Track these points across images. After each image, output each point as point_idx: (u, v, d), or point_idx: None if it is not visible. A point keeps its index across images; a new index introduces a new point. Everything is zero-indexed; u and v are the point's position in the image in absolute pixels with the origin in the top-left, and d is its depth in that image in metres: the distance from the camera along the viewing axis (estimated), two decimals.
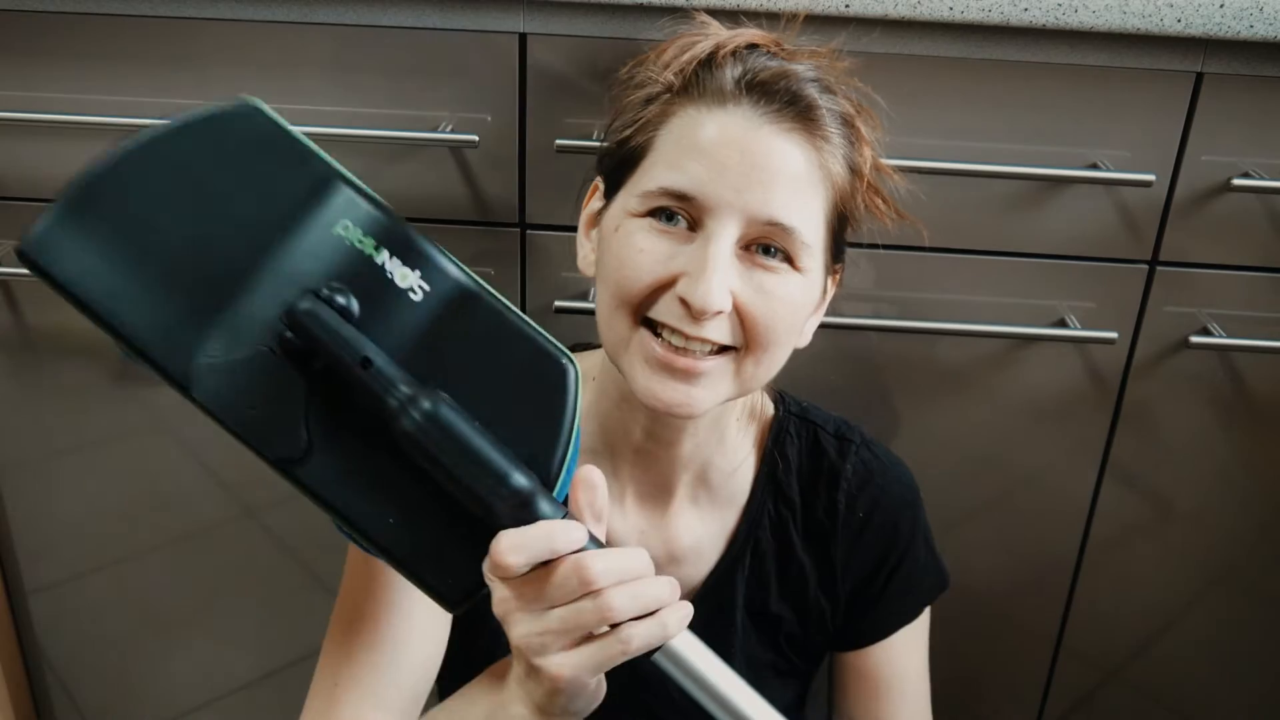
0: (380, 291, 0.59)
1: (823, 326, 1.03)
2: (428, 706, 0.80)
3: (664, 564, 0.87)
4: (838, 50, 0.79)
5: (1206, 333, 1.05)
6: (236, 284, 0.57)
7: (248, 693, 1.27)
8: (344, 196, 0.60)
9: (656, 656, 0.60)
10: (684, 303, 0.71)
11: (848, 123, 0.76)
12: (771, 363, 0.76)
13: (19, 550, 1.21)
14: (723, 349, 0.74)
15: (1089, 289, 1.05)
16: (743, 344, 0.74)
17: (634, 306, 0.73)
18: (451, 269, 0.60)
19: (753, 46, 0.76)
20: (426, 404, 0.56)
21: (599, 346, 0.85)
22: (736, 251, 0.72)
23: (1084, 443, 1.11)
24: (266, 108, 0.60)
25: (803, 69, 0.75)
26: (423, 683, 0.80)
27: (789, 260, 0.73)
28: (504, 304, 0.61)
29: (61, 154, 1.02)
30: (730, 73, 0.73)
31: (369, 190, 0.61)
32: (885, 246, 1.02)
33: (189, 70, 0.99)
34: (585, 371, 0.87)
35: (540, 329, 0.61)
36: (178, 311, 0.57)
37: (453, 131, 0.99)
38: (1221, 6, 0.91)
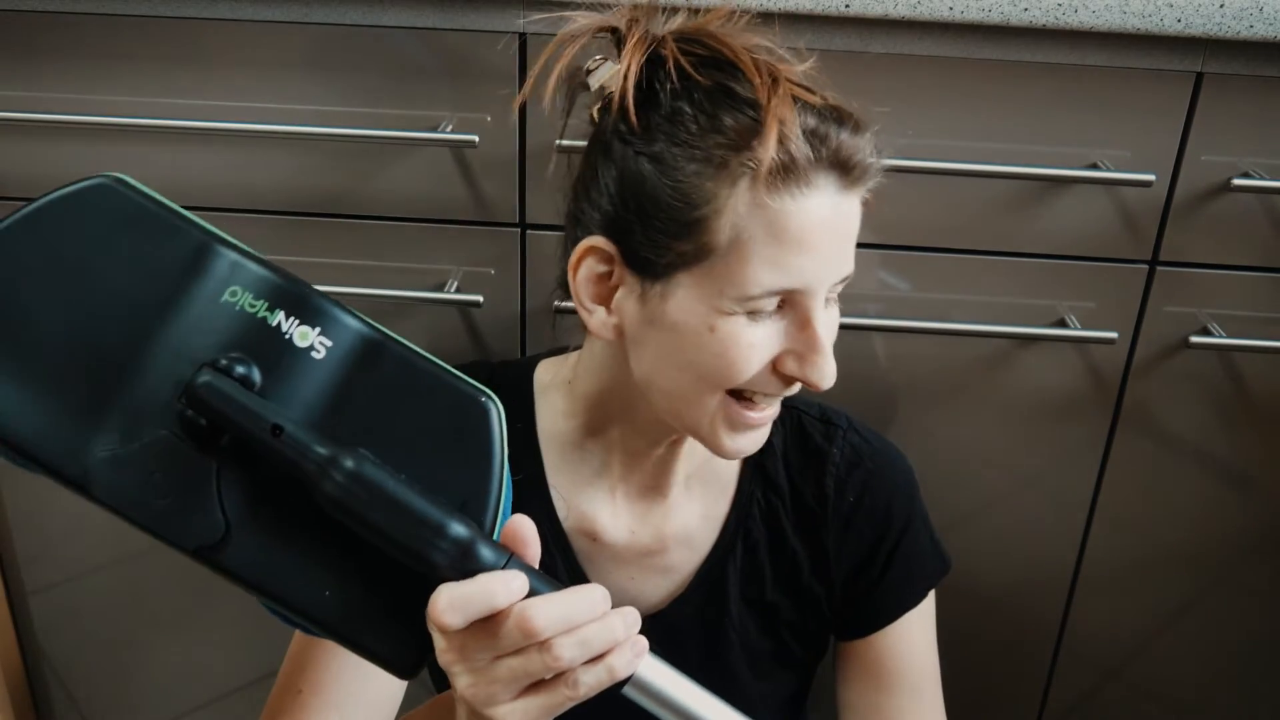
0: (281, 354, 0.56)
1: None
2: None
3: (654, 550, 0.87)
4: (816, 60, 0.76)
5: (1206, 333, 1.05)
6: (124, 369, 0.55)
7: (248, 693, 1.27)
8: (226, 262, 0.57)
9: (626, 690, 0.59)
10: (804, 381, 0.73)
11: None
12: None
13: (19, 550, 1.21)
14: None
15: (1089, 289, 1.05)
16: None
17: (723, 388, 0.74)
18: (351, 321, 0.58)
19: (806, 105, 0.70)
20: (348, 463, 0.53)
21: (566, 351, 0.85)
22: None
23: (1084, 443, 1.11)
24: (130, 180, 0.57)
25: (865, 141, 0.71)
26: (388, 692, 0.80)
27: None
28: (412, 350, 0.59)
29: (61, 154, 1.02)
30: (803, 150, 0.68)
31: (254, 251, 0.58)
32: (887, 247, 1.03)
33: (189, 70, 0.99)
34: (561, 376, 0.87)
35: (454, 370, 0.59)
36: (63, 408, 0.54)
37: (453, 131, 0.99)
38: (1221, 6, 0.91)
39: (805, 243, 0.69)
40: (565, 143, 0.98)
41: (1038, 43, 0.95)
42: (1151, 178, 0.98)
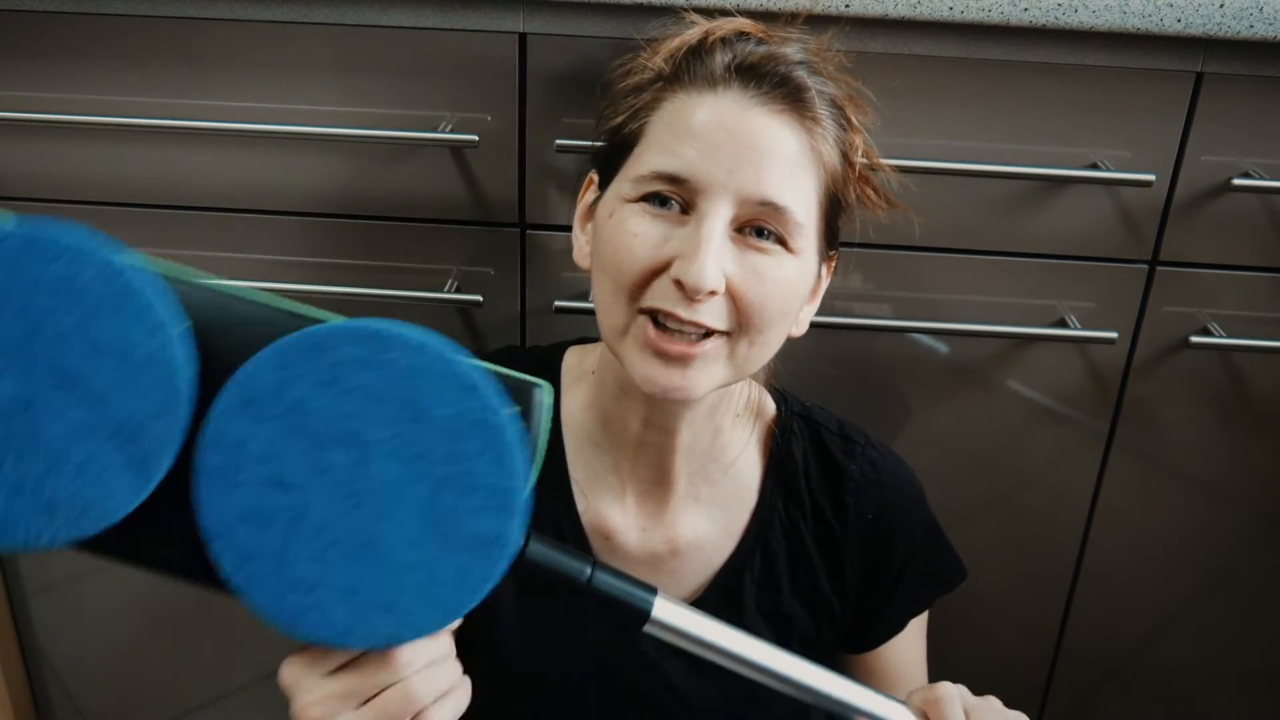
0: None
1: (823, 326, 1.03)
2: None
3: (666, 558, 0.87)
4: (828, 44, 0.80)
5: (1206, 333, 1.05)
6: None
7: (248, 693, 1.27)
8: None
9: (647, 627, 0.63)
10: (679, 284, 0.71)
11: (838, 107, 0.77)
12: (765, 346, 0.76)
13: None
14: (717, 332, 0.74)
15: (1089, 289, 1.05)
16: (736, 327, 0.74)
17: (630, 292, 0.74)
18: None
19: (742, 34, 0.77)
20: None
21: (598, 340, 0.85)
22: (730, 234, 0.73)
23: (1084, 443, 1.11)
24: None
25: (791, 51, 0.76)
26: None
27: (782, 242, 0.74)
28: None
29: (61, 154, 1.02)
30: (720, 58, 0.74)
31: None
32: (887, 247, 1.03)
33: (189, 70, 0.99)
34: (586, 365, 0.88)
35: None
36: None
37: (453, 131, 0.99)
38: (1221, 6, 0.91)
39: (696, 134, 0.72)
40: (565, 142, 0.99)
41: (1038, 43, 0.95)
42: (1151, 178, 0.98)
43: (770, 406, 0.90)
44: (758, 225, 0.73)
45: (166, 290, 0.52)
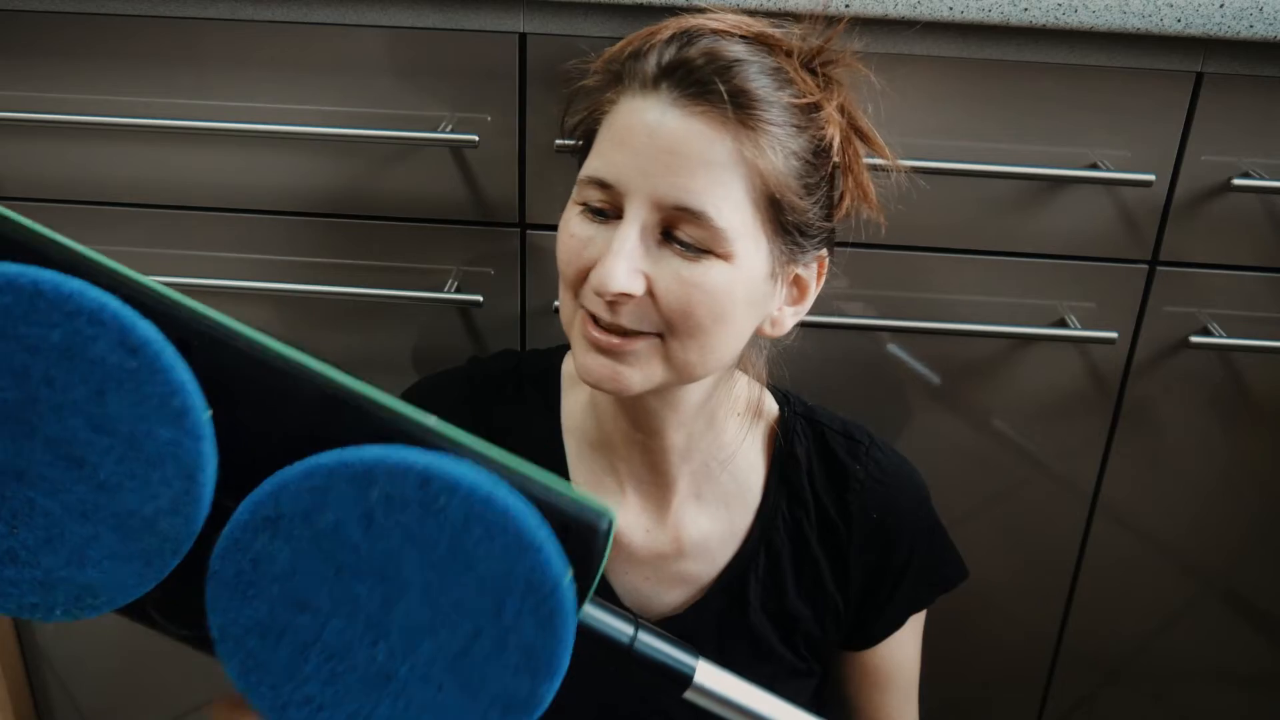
0: None
1: (824, 327, 1.03)
2: None
3: (671, 558, 0.87)
4: (814, 35, 0.79)
5: (1206, 333, 1.05)
6: None
7: None
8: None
9: (688, 694, 0.59)
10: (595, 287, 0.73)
11: (800, 106, 0.75)
12: (706, 349, 0.75)
13: None
14: (645, 334, 0.74)
15: (1089, 289, 1.05)
16: (665, 329, 0.74)
17: (572, 290, 0.76)
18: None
19: (684, 31, 0.76)
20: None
21: None
22: (656, 237, 0.73)
23: (1084, 443, 1.11)
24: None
25: (736, 50, 0.74)
26: None
27: (706, 247, 0.72)
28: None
29: (61, 154, 1.02)
30: (653, 59, 0.74)
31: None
32: (887, 247, 1.02)
33: (188, 70, 0.99)
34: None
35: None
36: None
37: (453, 131, 0.99)
38: (1221, 6, 0.91)
39: (623, 140, 0.73)
40: (565, 142, 0.99)
41: (1038, 43, 0.95)
42: (1151, 178, 0.98)
43: (773, 407, 0.90)
44: (678, 229, 0.72)
45: (182, 361, 0.46)
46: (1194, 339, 1.05)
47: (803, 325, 1.02)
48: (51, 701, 1.31)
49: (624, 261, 0.71)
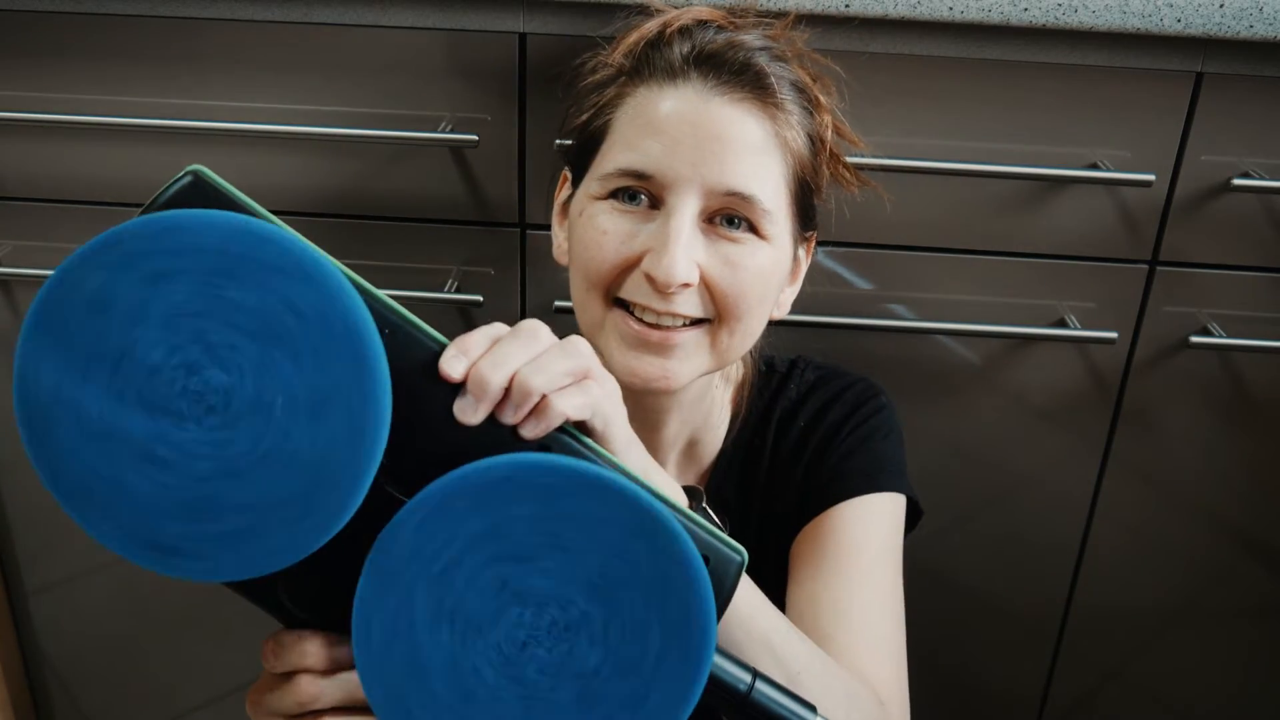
0: None
1: (824, 327, 1.03)
2: None
3: None
4: (789, 27, 0.81)
5: (1206, 333, 1.05)
6: None
7: (248, 693, 1.27)
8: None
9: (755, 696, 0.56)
10: (650, 279, 0.72)
11: (803, 90, 0.77)
12: (746, 333, 0.77)
13: (19, 550, 1.21)
14: (696, 321, 0.75)
15: (1089, 289, 1.05)
16: (715, 315, 0.75)
17: (604, 288, 0.75)
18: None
19: (701, 22, 0.77)
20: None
21: None
22: (700, 225, 0.73)
23: (1084, 443, 1.11)
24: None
25: (751, 38, 0.76)
26: None
27: (753, 229, 0.74)
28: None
29: (61, 154, 1.02)
30: (678, 49, 0.75)
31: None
32: (887, 246, 1.03)
33: (188, 70, 0.99)
34: None
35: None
36: None
37: (453, 131, 0.99)
38: (1221, 6, 0.91)
39: (658, 128, 0.73)
40: (565, 142, 0.99)
41: (1038, 43, 0.95)
42: (1151, 178, 0.98)
43: (740, 369, 0.91)
44: (728, 214, 0.74)
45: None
46: (1194, 339, 1.05)
47: (802, 325, 1.02)
48: (51, 701, 1.31)
49: (685, 251, 0.71)
